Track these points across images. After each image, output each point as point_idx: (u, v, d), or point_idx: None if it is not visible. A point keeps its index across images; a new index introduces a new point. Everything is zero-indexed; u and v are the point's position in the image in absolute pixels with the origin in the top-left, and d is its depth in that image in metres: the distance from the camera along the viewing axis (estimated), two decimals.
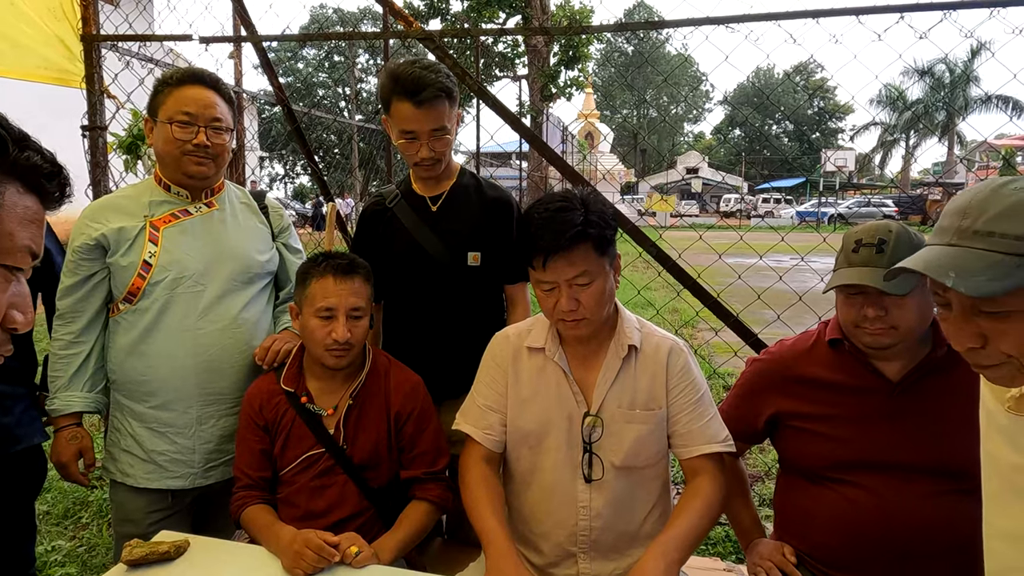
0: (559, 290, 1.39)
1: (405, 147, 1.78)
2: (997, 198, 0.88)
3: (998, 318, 0.89)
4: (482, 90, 2.77)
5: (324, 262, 1.64)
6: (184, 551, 1.47)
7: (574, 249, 1.36)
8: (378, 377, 1.70)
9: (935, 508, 1.39)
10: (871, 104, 33.92)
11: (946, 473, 1.40)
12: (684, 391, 1.49)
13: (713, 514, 1.44)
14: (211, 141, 1.70)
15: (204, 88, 1.72)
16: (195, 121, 1.68)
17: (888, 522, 1.41)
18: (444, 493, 1.69)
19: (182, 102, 1.68)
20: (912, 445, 1.42)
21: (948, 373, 1.42)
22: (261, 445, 1.65)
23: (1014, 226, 0.86)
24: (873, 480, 1.44)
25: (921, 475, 1.41)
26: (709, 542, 2.73)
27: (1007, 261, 0.85)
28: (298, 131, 3.81)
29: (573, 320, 1.41)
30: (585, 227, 1.36)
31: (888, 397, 1.45)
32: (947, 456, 1.39)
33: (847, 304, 1.44)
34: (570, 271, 1.37)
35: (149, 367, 1.71)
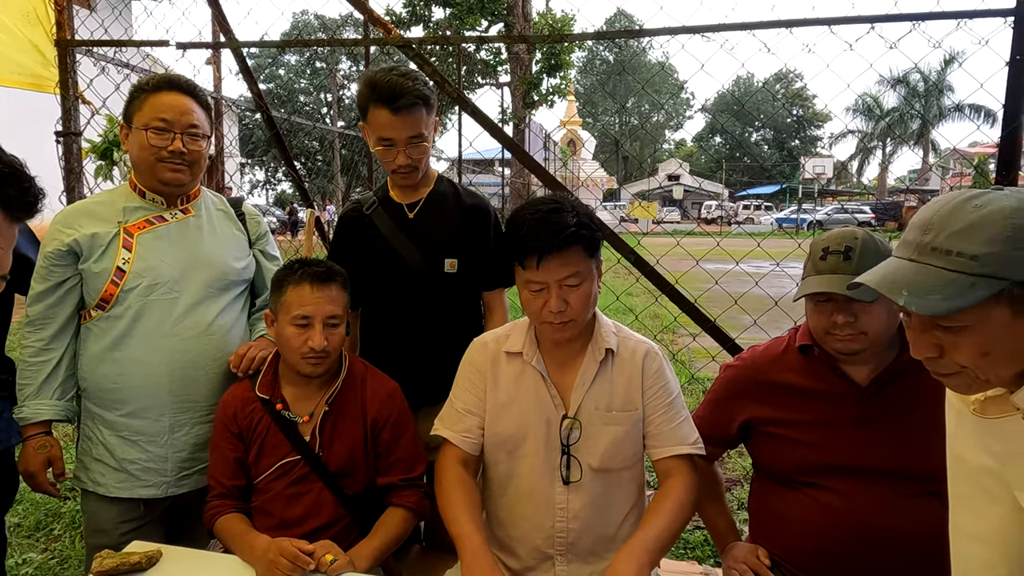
0: (548, 291, 1.41)
1: (382, 154, 1.79)
2: (959, 215, 0.89)
3: (953, 331, 0.91)
4: (461, 97, 2.78)
5: (300, 269, 1.63)
6: (156, 561, 1.45)
7: (568, 250, 1.39)
8: (354, 384, 1.70)
9: (904, 510, 1.42)
10: (847, 113, 34.54)
11: (914, 476, 1.42)
12: (658, 393, 1.51)
13: (685, 515, 1.45)
14: (187, 148, 1.69)
15: (181, 94, 1.70)
16: (171, 128, 1.67)
17: (859, 525, 1.43)
18: (421, 500, 1.69)
19: (158, 108, 1.67)
20: (881, 449, 1.44)
21: (915, 377, 1.45)
22: (235, 453, 1.64)
23: (971, 245, 0.87)
24: (844, 484, 1.46)
25: (889, 478, 1.44)
26: (688, 546, 2.75)
27: (961, 280, 0.87)
28: (277, 137, 3.79)
29: (560, 322, 1.43)
30: (578, 228, 1.39)
31: (857, 402, 1.48)
32: (915, 459, 1.42)
33: (817, 311, 1.46)
34: (563, 271, 1.39)
35: (121, 375, 1.68)
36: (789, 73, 49.82)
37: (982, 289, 0.87)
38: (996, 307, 0.88)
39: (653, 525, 1.40)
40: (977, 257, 0.87)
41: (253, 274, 1.91)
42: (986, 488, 1.08)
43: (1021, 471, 1.01)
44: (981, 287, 0.87)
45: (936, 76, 31.47)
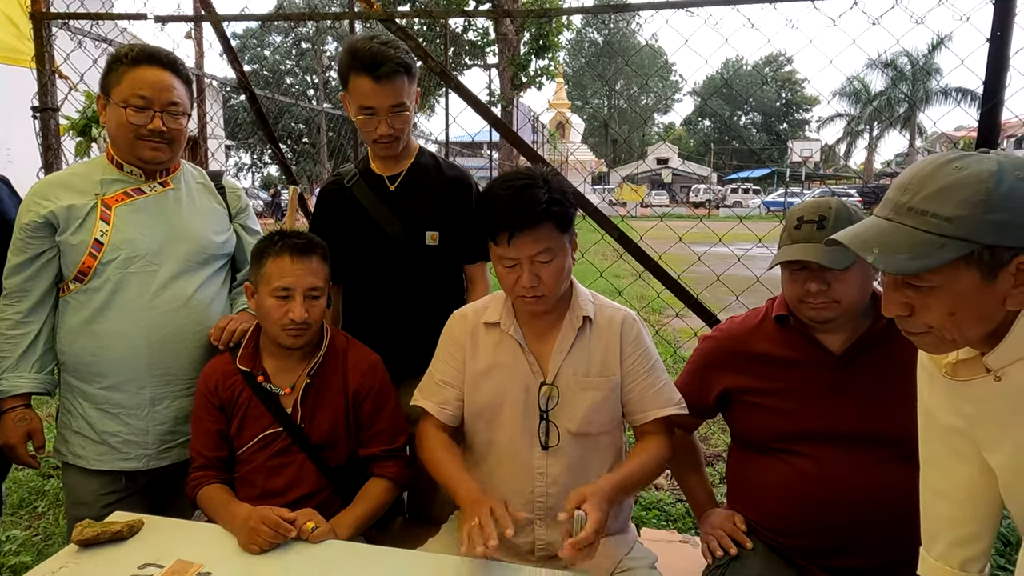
0: (521, 266, 1.42)
1: (363, 123, 1.77)
2: (937, 176, 0.90)
3: (922, 291, 0.93)
4: (444, 72, 2.76)
5: (280, 241, 1.62)
6: (137, 531, 1.45)
7: (539, 227, 1.39)
8: (336, 356, 1.70)
9: (876, 474, 1.45)
10: (835, 97, 34.61)
11: (887, 441, 1.45)
12: (638, 360, 1.53)
13: (654, 465, 1.52)
14: (167, 126, 1.66)
15: (161, 69, 1.66)
16: (151, 105, 1.64)
17: (832, 489, 1.46)
18: (403, 470, 1.70)
19: (137, 84, 1.63)
20: (855, 415, 1.47)
21: (888, 345, 1.47)
22: (217, 425, 1.64)
23: (944, 207, 0.88)
24: (818, 450, 1.49)
25: (863, 443, 1.46)
26: (670, 518, 2.79)
27: (931, 240, 0.88)
28: (260, 114, 3.74)
29: (533, 296, 1.44)
30: (549, 205, 1.39)
31: (832, 370, 1.50)
32: (888, 425, 1.44)
33: (791, 280, 1.48)
34: (534, 248, 1.40)
35: (100, 347, 1.67)
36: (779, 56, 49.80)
37: (951, 251, 0.88)
38: (965, 269, 0.89)
39: (623, 468, 1.47)
40: (951, 219, 0.88)
41: (233, 248, 1.90)
42: (955, 448, 1.11)
43: (990, 431, 1.04)
44: (950, 249, 0.88)
45: (924, 60, 31.56)
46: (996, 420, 1.02)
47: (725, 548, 1.54)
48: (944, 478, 1.15)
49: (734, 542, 1.55)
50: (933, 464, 1.17)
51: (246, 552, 1.39)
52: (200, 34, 6.14)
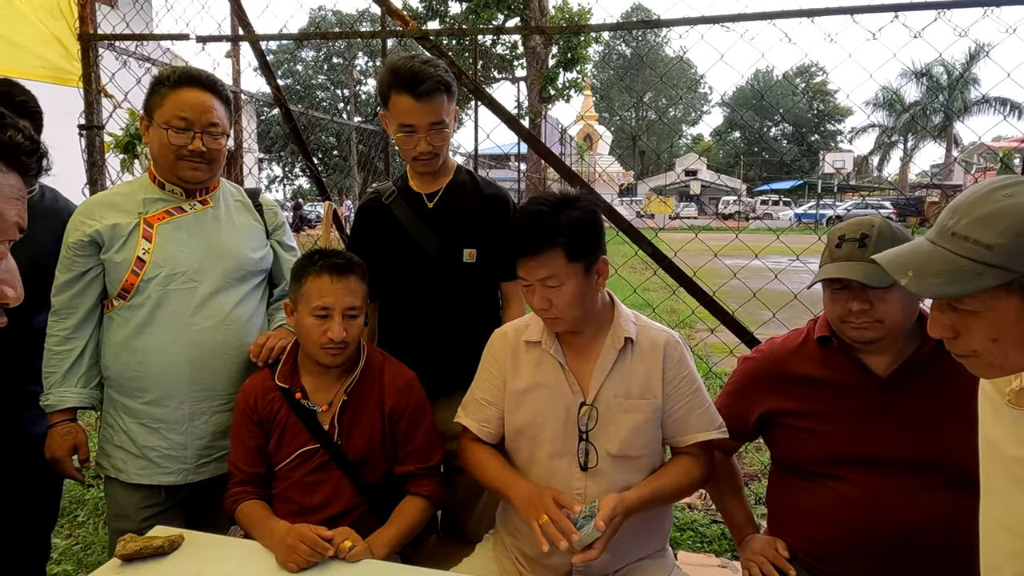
0: (533, 288, 1.46)
1: (403, 141, 1.79)
2: (984, 203, 0.89)
3: (963, 315, 0.91)
4: (478, 89, 2.78)
5: (320, 260, 1.63)
6: (178, 546, 1.47)
7: (541, 253, 1.41)
8: (372, 373, 1.71)
9: (925, 502, 1.40)
10: (869, 107, 34.05)
11: (935, 468, 1.41)
12: (681, 383, 1.52)
13: (686, 485, 1.52)
14: (207, 147, 1.70)
15: (201, 91, 1.70)
16: (191, 127, 1.67)
17: (878, 516, 1.42)
18: (438, 489, 1.70)
19: (178, 106, 1.67)
20: (901, 441, 1.43)
21: (936, 368, 1.43)
22: (255, 441, 1.66)
23: (987, 234, 0.86)
24: (863, 475, 1.45)
25: (909, 469, 1.42)
26: (705, 540, 2.74)
27: (968, 267, 0.86)
28: (295, 131, 3.81)
29: (547, 318, 1.48)
30: (553, 234, 1.40)
31: (877, 393, 1.46)
32: (936, 451, 1.40)
33: (833, 299, 1.45)
34: (540, 272, 1.43)
35: (142, 363, 1.70)
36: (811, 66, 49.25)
37: (989, 279, 0.86)
38: (1006, 297, 0.87)
39: (653, 481, 1.48)
40: (991, 247, 0.86)
41: (271, 265, 1.92)
42: (1019, 479, 1.07)
43: None
44: (989, 277, 0.86)
45: (961, 68, 30.91)
46: None
47: (767, 575, 1.50)
48: (1008, 510, 1.10)
49: (776, 569, 1.51)
50: (996, 496, 1.12)
51: (284, 570, 1.39)
52: (237, 51, 6.27)
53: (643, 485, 1.47)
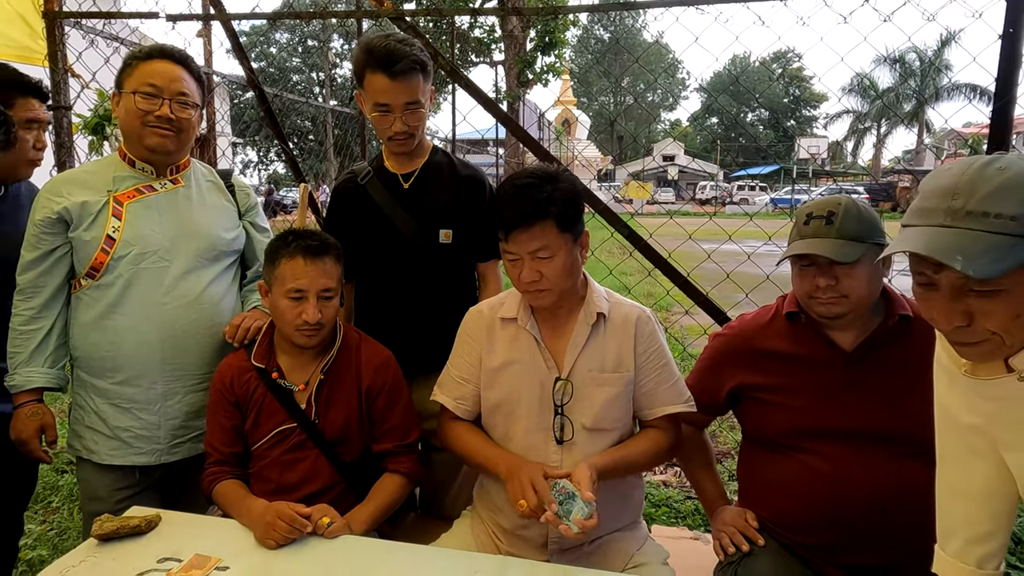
0: (522, 262, 1.45)
1: (378, 121, 1.78)
2: (984, 178, 0.90)
3: (986, 297, 0.92)
4: (454, 70, 2.76)
5: (295, 242, 1.62)
6: (155, 525, 1.47)
7: (534, 224, 1.42)
8: (349, 353, 1.71)
9: (888, 471, 1.45)
10: (843, 92, 34.43)
11: (899, 439, 1.46)
12: (652, 356, 1.55)
13: (651, 455, 1.57)
14: (176, 115, 1.68)
15: (172, 63, 1.70)
16: (160, 93, 1.66)
17: (843, 487, 1.46)
18: (416, 466, 1.71)
19: (148, 75, 1.66)
20: (866, 413, 1.47)
21: (899, 343, 1.48)
22: (232, 421, 1.66)
23: (1008, 206, 0.87)
24: (829, 447, 1.49)
25: (875, 441, 1.47)
26: (679, 515, 2.80)
27: (1004, 242, 0.87)
28: (269, 113, 3.75)
29: (536, 290, 1.47)
30: (546, 204, 1.42)
31: (843, 367, 1.50)
32: (899, 422, 1.45)
33: (800, 276, 1.49)
34: (532, 244, 1.43)
35: (112, 343, 1.69)
36: (788, 52, 49.56)
37: (1022, 251, 0.87)
38: None
39: (620, 450, 1.52)
40: (1016, 217, 0.87)
41: (243, 245, 1.91)
42: (973, 446, 1.11)
43: (1009, 431, 1.04)
44: (1021, 248, 0.87)
45: (933, 55, 31.35)
46: (1017, 420, 1.02)
47: (737, 545, 1.55)
48: (961, 476, 1.15)
49: (746, 539, 1.55)
50: (950, 462, 1.17)
51: (262, 547, 1.40)
52: (208, 31, 6.16)
53: (610, 452, 1.51)
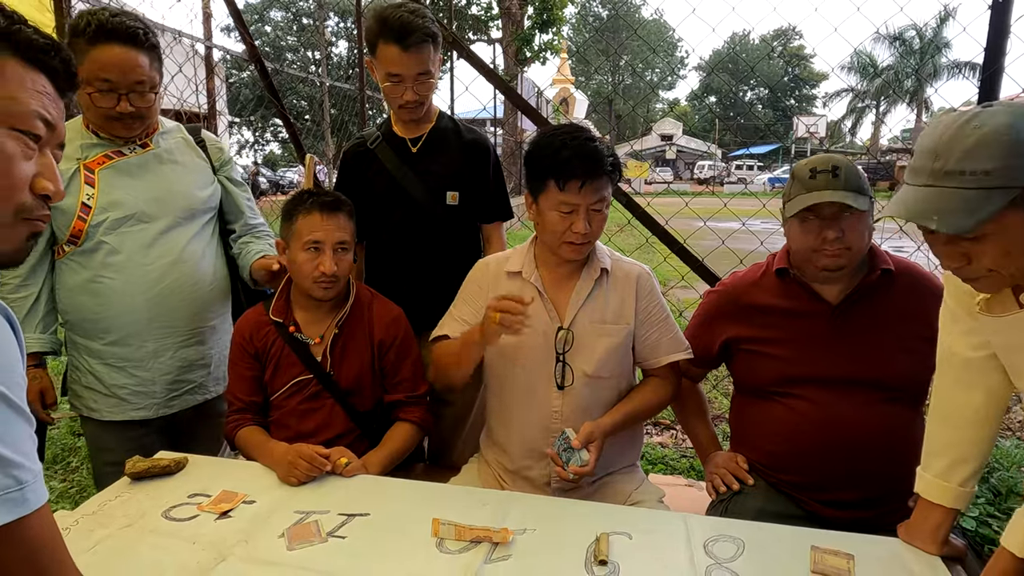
0: (577, 213, 1.53)
1: (390, 90, 1.85)
2: (961, 137, 0.98)
3: (975, 241, 1.01)
4: (456, 42, 2.82)
5: (310, 199, 1.71)
6: (184, 466, 1.57)
7: (601, 178, 1.53)
8: (362, 308, 1.80)
9: (868, 414, 1.55)
10: (843, 70, 34.24)
11: (879, 384, 1.56)
12: (653, 310, 1.65)
13: (655, 405, 1.69)
14: (135, 106, 1.63)
15: (121, 46, 1.58)
16: (116, 88, 1.59)
17: (826, 427, 1.56)
18: (426, 415, 1.81)
19: (99, 66, 1.56)
20: (850, 361, 1.57)
21: (881, 295, 1.57)
22: (252, 372, 1.75)
23: (979, 163, 0.96)
24: (815, 393, 1.59)
25: (857, 386, 1.56)
26: (674, 471, 2.91)
27: (978, 196, 0.97)
28: (271, 88, 3.80)
29: (582, 243, 1.55)
30: (608, 160, 1.54)
31: (829, 319, 1.59)
32: (880, 369, 1.55)
33: (804, 230, 1.54)
34: (595, 196, 1.53)
35: (101, 305, 1.72)
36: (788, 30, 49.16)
37: (997, 200, 0.96)
38: (1011, 212, 0.97)
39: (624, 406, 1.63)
40: (989, 172, 0.96)
41: (219, 202, 1.92)
42: (967, 379, 1.25)
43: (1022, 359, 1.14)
44: (996, 198, 0.96)
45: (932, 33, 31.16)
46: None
47: (728, 484, 1.65)
48: (952, 406, 1.28)
49: (736, 480, 1.66)
50: (944, 394, 1.30)
51: (285, 484, 1.51)
52: (208, 5, 6.15)
53: (616, 410, 1.61)
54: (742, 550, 1.26)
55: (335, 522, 1.35)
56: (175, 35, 4.57)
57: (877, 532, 1.35)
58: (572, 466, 1.46)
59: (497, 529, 1.28)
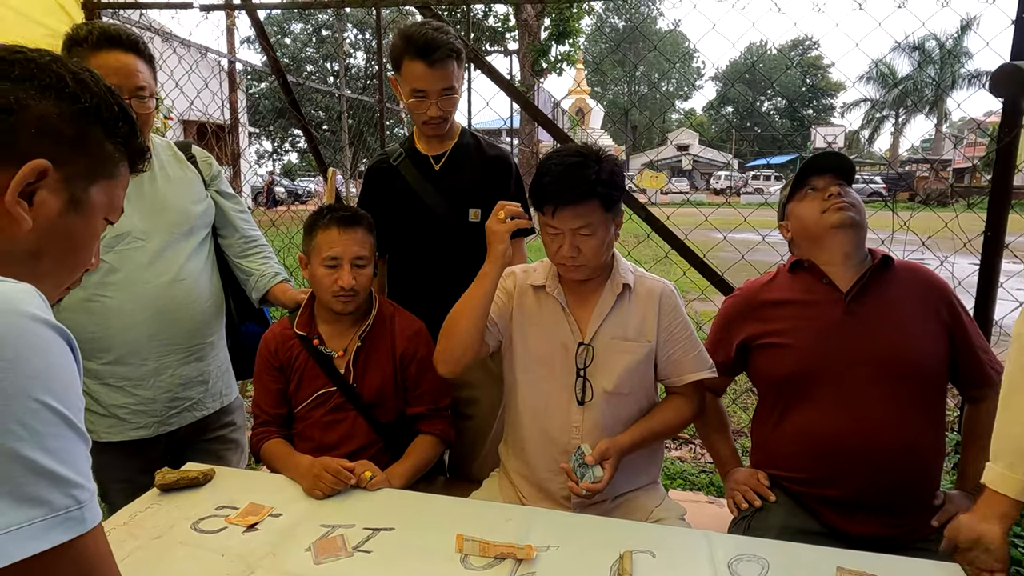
0: (563, 237, 1.54)
1: (415, 106, 1.88)
2: None
3: None
4: (478, 57, 2.86)
5: (329, 214, 1.75)
6: (211, 478, 1.60)
7: (581, 204, 1.50)
8: (384, 322, 1.83)
9: (891, 412, 1.54)
10: (861, 81, 34.05)
11: (899, 367, 1.55)
12: (676, 328, 1.65)
13: (676, 424, 1.69)
14: (137, 112, 1.66)
15: (123, 52, 1.60)
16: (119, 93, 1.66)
17: (849, 428, 1.55)
18: (448, 428, 1.83)
19: (103, 72, 1.51)
20: (868, 344, 1.58)
21: (888, 280, 1.64)
22: (277, 384, 1.78)
23: None
24: (835, 391, 1.58)
25: (878, 375, 1.56)
26: (693, 487, 2.90)
27: None
28: (294, 103, 3.87)
29: (572, 265, 1.56)
30: (595, 186, 1.50)
31: (842, 306, 1.62)
32: (898, 348, 1.57)
33: (811, 199, 1.69)
34: (575, 222, 1.51)
35: (99, 324, 1.69)
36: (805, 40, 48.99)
37: None
38: None
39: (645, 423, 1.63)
40: None
41: (213, 217, 1.91)
42: None
43: None
44: None
45: (952, 44, 30.92)
46: None
47: (750, 501, 1.65)
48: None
49: (758, 496, 1.65)
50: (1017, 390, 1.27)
51: (310, 497, 1.53)
52: (233, 20, 6.27)
53: (635, 428, 1.61)
54: (766, 570, 1.25)
55: (360, 536, 1.37)
56: (201, 51, 4.67)
57: (902, 551, 1.34)
58: (585, 482, 1.47)
59: (521, 546, 1.28)
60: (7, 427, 0.58)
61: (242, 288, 2.00)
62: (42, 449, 0.59)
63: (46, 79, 0.73)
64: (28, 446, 0.58)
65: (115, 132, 0.80)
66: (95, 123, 0.77)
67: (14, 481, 0.58)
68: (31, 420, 0.59)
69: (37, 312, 0.64)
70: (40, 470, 0.59)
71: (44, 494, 0.59)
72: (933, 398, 1.60)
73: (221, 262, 1.98)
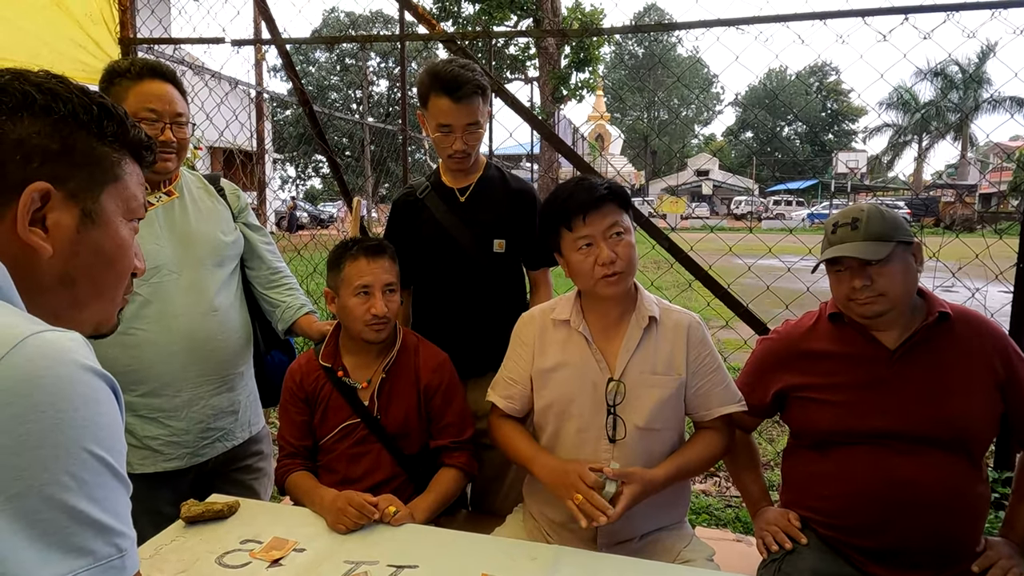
0: (597, 244, 1.56)
1: (440, 140, 1.91)
2: None
3: None
4: (501, 89, 2.90)
5: (355, 246, 1.77)
6: (236, 510, 1.60)
7: (604, 205, 1.56)
8: (408, 353, 1.83)
9: (929, 467, 1.50)
10: (882, 107, 33.90)
11: (941, 435, 1.50)
12: (704, 361, 1.63)
13: (708, 459, 1.65)
14: (175, 136, 1.71)
15: (163, 82, 1.70)
16: (160, 118, 1.67)
17: (886, 480, 1.51)
18: (471, 460, 1.82)
19: (145, 98, 1.66)
20: (910, 409, 1.52)
21: (941, 340, 1.54)
22: (302, 416, 1.79)
23: None
24: (873, 443, 1.54)
25: (917, 438, 1.51)
26: (720, 522, 2.84)
27: None
28: (320, 134, 3.94)
29: (613, 274, 1.55)
30: (607, 191, 1.58)
31: (887, 364, 1.56)
32: (942, 418, 1.50)
33: (837, 280, 1.58)
34: (607, 221, 1.56)
35: (133, 357, 1.70)
36: (824, 66, 49.04)
37: None
38: None
39: (677, 459, 1.60)
40: None
41: (242, 248, 1.94)
42: None
43: None
44: None
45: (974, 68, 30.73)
46: None
47: (780, 543, 1.61)
48: None
49: (789, 538, 1.61)
50: None
51: (334, 532, 1.52)
52: (261, 54, 6.43)
53: (668, 463, 1.57)
54: None
55: (385, 573, 1.35)
56: (231, 82, 4.79)
57: None
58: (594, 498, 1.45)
59: None
60: (57, 478, 0.59)
61: (267, 318, 2.03)
62: (89, 499, 0.60)
63: (11, 100, 0.69)
64: (76, 496, 0.59)
65: (103, 133, 0.76)
66: (78, 129, 0.73)
67: (63, 532, 0.58)
68: (80, 470, 0.60)
69: (86, 361, 0.66)
70: (86, 520, 0.60)
71: (89, 544, 0.60)
72: (979, 454, 1.56)
73: (247, 292, 2.00)
